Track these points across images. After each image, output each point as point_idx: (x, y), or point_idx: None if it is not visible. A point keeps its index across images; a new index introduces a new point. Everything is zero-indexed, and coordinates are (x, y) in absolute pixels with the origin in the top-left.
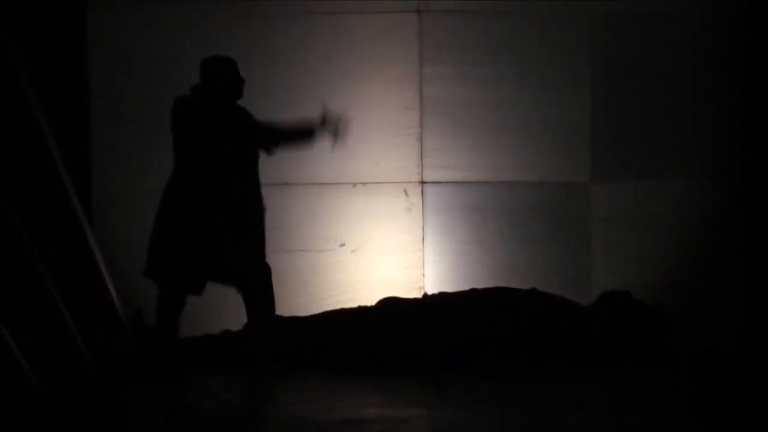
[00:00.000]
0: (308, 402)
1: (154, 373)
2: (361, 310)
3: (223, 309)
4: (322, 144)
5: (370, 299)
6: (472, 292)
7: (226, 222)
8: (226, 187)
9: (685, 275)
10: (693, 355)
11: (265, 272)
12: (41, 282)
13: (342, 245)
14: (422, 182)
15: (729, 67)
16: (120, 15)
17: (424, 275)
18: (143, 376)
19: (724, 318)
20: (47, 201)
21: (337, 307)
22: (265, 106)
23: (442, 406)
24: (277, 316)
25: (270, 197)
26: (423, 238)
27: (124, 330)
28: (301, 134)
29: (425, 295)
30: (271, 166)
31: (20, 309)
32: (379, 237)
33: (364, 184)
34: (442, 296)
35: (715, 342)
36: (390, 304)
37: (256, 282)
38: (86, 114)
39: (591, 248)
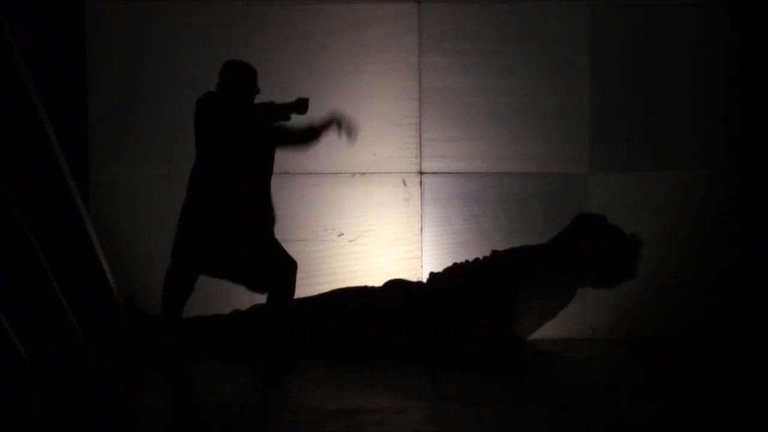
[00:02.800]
0: (307, 391)
1: (153, 354)
2: (365, 289)
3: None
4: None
5: None
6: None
7: (239, 223)
8: (240, 186)
9: (683, 265)
10: (688, 343)
11: (289, 267)
12: (40, 268)
13: (340, 235)
14: (421, 172)
15: (729, 57)
16: (118, 6)
17: (422, 265)
18: (140, 359)
19: (720, 307)
20: (46, 189)
21: None
22: (264, 97)
23: (439, 400)
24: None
25: None
26: (421, 228)
27: (121, 315)
28: (309, 133)
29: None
30: None
31: (19, 294)
32: (377, 227)
33: (362, 174)
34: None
35: (710, 331)
36: (395, 285)
37: (279, 277)
38: (84, 104)
39: None
